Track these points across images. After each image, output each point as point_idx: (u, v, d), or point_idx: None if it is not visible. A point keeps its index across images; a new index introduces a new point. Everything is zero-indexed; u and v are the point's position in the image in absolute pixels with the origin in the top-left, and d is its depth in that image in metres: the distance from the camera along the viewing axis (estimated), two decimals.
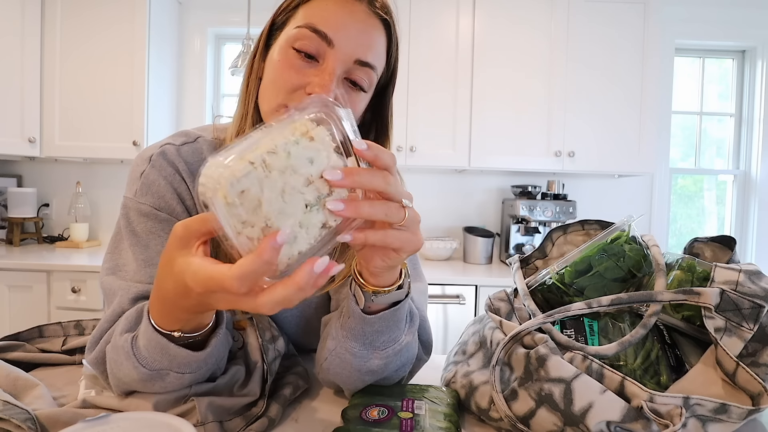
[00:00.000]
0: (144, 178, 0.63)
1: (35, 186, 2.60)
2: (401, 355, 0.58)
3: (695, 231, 2.82)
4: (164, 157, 0.64)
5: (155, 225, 0.61)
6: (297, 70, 0.57)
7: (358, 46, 0.57)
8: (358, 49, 0.57)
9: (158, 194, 0.62)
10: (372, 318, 0.54)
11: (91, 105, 2.28)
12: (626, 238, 0.62)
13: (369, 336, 0.55)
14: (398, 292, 0.53)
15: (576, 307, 0.55)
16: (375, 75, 0.60)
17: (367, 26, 0.58)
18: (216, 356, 0.52)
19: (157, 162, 0.63)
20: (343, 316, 0.57)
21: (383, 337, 0.56)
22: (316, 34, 0.56)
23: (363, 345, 0.56)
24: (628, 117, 2.29)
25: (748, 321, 0.50)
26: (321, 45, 0.56)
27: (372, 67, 0.59)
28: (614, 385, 0.47)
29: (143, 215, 0.61)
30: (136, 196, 0.62)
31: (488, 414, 0.55)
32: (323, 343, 0.62)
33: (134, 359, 0.49)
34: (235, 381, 0.58)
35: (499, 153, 2.30)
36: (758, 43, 2.62)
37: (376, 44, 0.59)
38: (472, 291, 2.07)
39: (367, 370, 0.57)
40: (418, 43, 2.27)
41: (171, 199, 0.62)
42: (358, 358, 0.56)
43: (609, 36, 2.27)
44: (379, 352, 0.56)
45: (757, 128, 2.65)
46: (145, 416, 0.49)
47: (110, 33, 2.25)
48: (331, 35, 0.56)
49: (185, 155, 0.65)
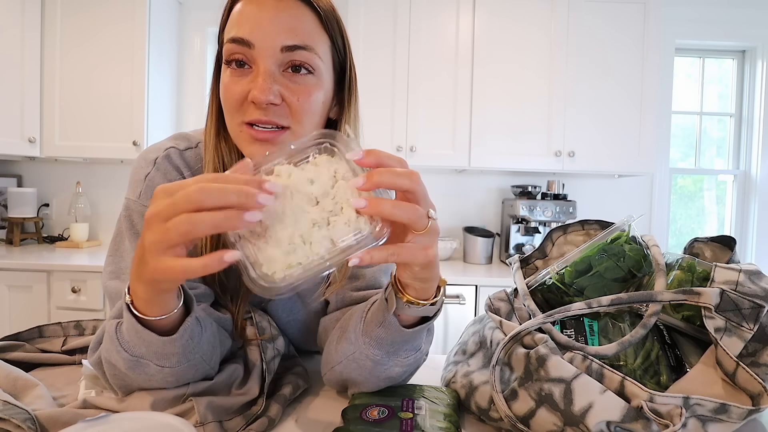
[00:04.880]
0: (149, 180, 0.63)
1: (35, 186, 2.59)
2: (418, 362, 0.60)
3: (695, 231, 2.82)
4: (169, 160, 0.64)
5: None
6: (236, 83, 0.57)
7: (276, 34, 0.55)
8: (278, 38, 0.55)
9: None
10: (408, 332, 0.54)
11: (91, 105, 2.28)
12: (626, 238, 0.62)
13: (395, 345, 0.56)
14: (430, 308, 0.53)
15: (576, 307, 0.55)
16: (315, 53, 0.57)
17: (279, 12, 0.55)
18: (194, 349, 0.51)
19: (162, 165, 0.64)
20: (367, 323, 0.57)
21: (406, 346, 0.57)
22: (236, 44, 0.56)
23: (386, 353, 0.56)
24: (628, 117, 2.29)
25: (748, 321, 0.50)
26: (245, 50, 0.55)
27: (303, 47, 0.56)
28: (614, 385, 0.47)
29: (140, 212, 0.62)
30: (140, 199, 0.62)
31: (488, 414, 0.55)
32: (336, 346, 0.61)
33: (117, 343, 0.50)
34: (234, 380, 0.58)
35: (499, 153, 2.30)
36: (758, 43, 2.62)
37: (299, 24, 0.56)
38: (472, 291, 2.07)
39: (386, 376, 0.58)
40: (418, 43, 2.27)
41: None
42: (380, 365, 0.57)
43: (609, 36, 2.27)
44: (400, 360, 0.57)
45: (757, 128, 2.65)
46: (146, 416, 0.49)
47: (110, 33, 2.25)
48: (248, 37, 0.55)
49: (188, 160, 0.66)
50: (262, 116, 0.55)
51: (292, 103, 0.57)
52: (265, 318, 0.68)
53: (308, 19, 0.57)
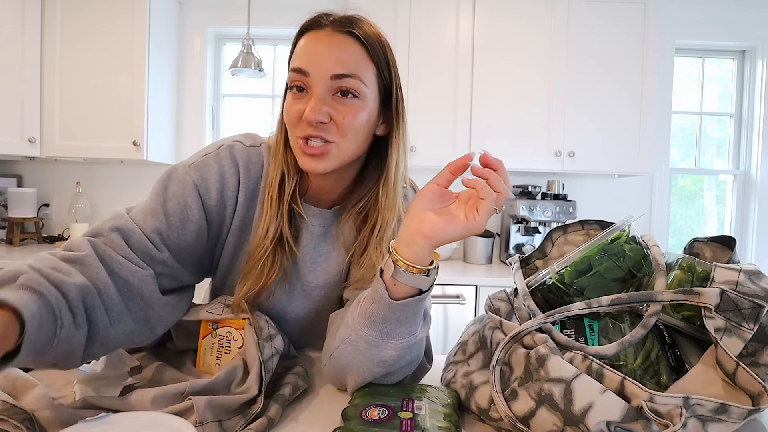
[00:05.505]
0: (205, 158, 0.71)
1: (35, 186, 2.59)
2: (412, 350, 0.61)
3: (695, 231, 2.82)
4: (230, 151, 0.73)
5: (184, 196, 0.68)
6: (295, 104, 0.67)
7: (328, 64, 0.65)
8: (329, 67, 0.65)
9: (205, 177, 0.70)
10: (397, 304, 0.57)
11: (91, 105, 2.28)
12: (626, 238, 0.62)
13: (388, 324, 0.58)
14: (425, 279, 0.56)
15: (576, 307, 0.55)
16: (360, 80, 0.66)
17: (332, 45, 0.65)
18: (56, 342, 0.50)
19: (223, 153, 0.72)
20: (362, 304, 0.61)
21: (400, 328, 0.59)
22: (297, 73, 0.66)
23: (380, 334, 0.58)
24: (628, 117, 2.29)
25: (748, 321, 0.49)
26: (303, 78, 0.66)
27: (350, 75, 0.65)
28: (614, 385, 0.47)
29: (182, 182, 0.68)
30: (189, 168, 0.70)
31: (488, 414, 0.55)
32: (335, 333, 0.65)
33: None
34: (233, 379, 0.58)
35: (500, 153, 2.28)
36: (758, 43, 2.61)
37: (347, 55, 0.66)
38: (472, 291, 2.07)
39: (379, 360, 0.59)
40: (418, 43, 2.27)
41: (212, 188, 0.70)
42: (373, 346, 0.59)
43: (609, 36, 2.27)
44: (393, 341, 0.59)
45: (757, 128, 2.65)
46: (146, 416, 0.49)
47: (110, 34, 2.25)
48: (305, 67, 0.65)
49: (249, 155, 0.74)
50: (313, 132, 0.65)
51: (339, 121, 0.66)
52: (263, 317, 0.68)
53: (355, 51, 0.66)
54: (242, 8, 2.41)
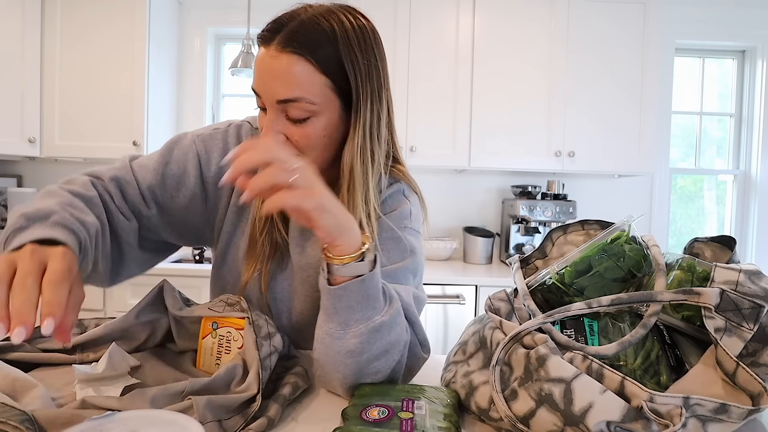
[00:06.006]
0: (213, 132, 0.77)
1: (35, 186, 2.59)
2: (380, 336, 0.60)
3: (695, 231, 2.82)
4: (238, 129, 0.78)
5: (185, 162, 0.74)
6: (262, 118, 0.68)
7: (272, 89, 0.63)
8: (273, 92, 0.63)
9: (209, 150, 0.75)
10: (337, 289, 0.58)
11: (91, 105, 2.28)
12: (626, 238, 0.62)
13: (342, 313, 0.59)
14: (360, 265, 0.58)
15: (576, 307, 0.55)
16: (308, 101, 0.63)
17: (273, 68, 0.62)
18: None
19: (231, 131, 0.77)
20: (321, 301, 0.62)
21: (356, 315, 0.59)
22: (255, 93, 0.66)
23: (339, 324, 0.59)
24: (628, 117, 2.29)
25: (748, 321, 0.49)
26: (260, 99, 0.66)
27: (294, 100, 0.63)
28: (614, 385, 0.47)
29: (186, 149, 0.74)
30: (197, 138, 0.76)
31: (488, 414, 0.55)
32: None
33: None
34: (233, 378, 0.58)
35: (499, 153, 2.30)
36: (758, 43, 2.62)
37: (290, 77, 0.62)
38: (472, 291, 2.07)
39: (346, 351, 0.59)
40: (418, 42, 2.27)
41: (213, 162, 0.75)
42: (336, 339, 0.60)
43: (609, 36, 2.27)
44: (353, 330, 0.59)
45: (757, 128, 2.65)
46: (151, 414, 0.49)
47: (110, 34, 2.25)
48: (257, 89, 0.65)
49: (255, 136, 0.78)
50: None
51: (295, 143, 0.66)
52: (263, 317, 0.68)
53: (300, 70, 0.62)
54: (242, 8, 2.41)
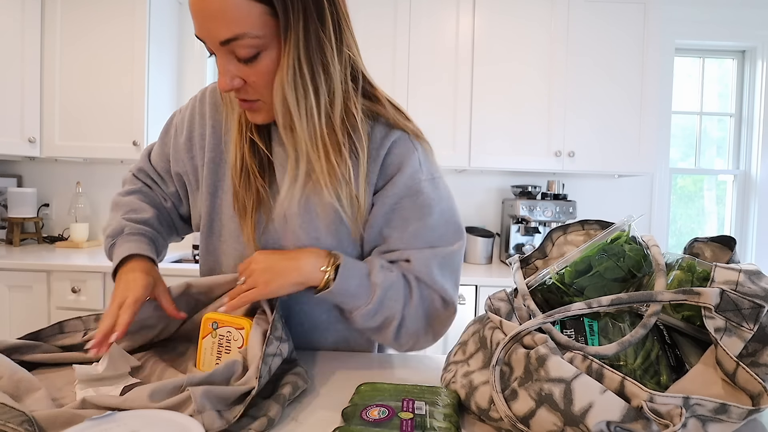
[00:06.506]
0: (189, 101, 0.85)
1: (35, 186, 2.59)
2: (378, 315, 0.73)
3: (695, 231, 2.82)
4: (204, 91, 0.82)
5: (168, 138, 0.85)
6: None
7: (211, 32, 0.58)
8: (214, 35, 0.58)
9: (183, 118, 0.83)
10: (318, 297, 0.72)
11: (91, 105, 2.28)
12: (626, 238, 0.62)
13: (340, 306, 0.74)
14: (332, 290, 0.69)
15: (576, 307, 0.55)
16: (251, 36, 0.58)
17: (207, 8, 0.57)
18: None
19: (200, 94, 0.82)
20: None
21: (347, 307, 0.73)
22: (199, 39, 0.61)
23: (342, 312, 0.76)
24: (628, 117, 2.29)
25: (748, 321, 0.50)
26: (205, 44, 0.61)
27: (236, 38, 0.58)
28: (614, 385, 0.47)
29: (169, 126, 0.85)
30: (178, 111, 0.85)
31: (488, 414, 0.55)
32: None
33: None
34: (232, 373, 0.58)
35: (499, 153, 2.30)
36: (758, 43, 2.61)
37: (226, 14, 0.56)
38: (472, 291, 2.07)
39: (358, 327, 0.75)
40: (418, 43, 2.26)
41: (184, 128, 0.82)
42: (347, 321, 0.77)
43: (609, 36, 2.27)
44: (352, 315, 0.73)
45: (757, 128, 2.65)
46: (151, 414, 0.49)
47: (110, 33, 2.25)
48: (198, 34, 0.60)
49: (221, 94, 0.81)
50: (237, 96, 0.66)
51: (252, 83, 0.63)
52: (281, 321, 0.68)
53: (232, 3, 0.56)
54: None
